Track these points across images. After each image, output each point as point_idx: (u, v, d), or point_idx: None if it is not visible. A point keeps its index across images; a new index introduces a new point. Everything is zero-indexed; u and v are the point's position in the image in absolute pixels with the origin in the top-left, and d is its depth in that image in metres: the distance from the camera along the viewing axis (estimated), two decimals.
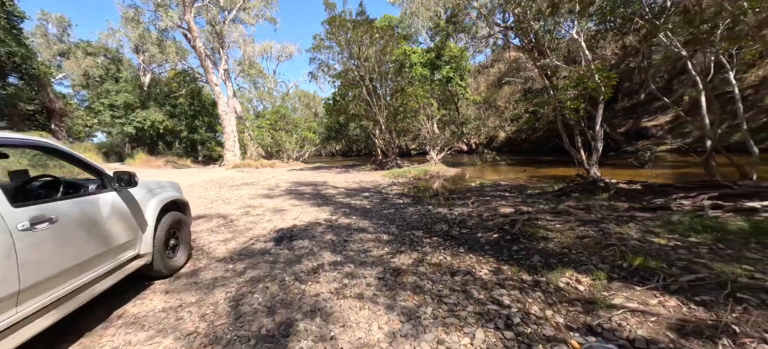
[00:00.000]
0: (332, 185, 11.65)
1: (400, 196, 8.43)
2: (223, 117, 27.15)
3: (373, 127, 19.36)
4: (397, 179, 12.24)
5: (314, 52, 17.30)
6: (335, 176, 15.10)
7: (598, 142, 6.49)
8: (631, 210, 4.36)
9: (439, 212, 5.97)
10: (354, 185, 11.14)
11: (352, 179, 13.28)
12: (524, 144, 24.59)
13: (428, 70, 23.08)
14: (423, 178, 12.28)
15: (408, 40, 32.01)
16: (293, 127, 36.17)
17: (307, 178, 14.45)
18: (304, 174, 16.91)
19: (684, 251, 2.94)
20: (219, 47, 29.32)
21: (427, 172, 12.99)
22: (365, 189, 10.10)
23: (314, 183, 12.24)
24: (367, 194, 9.11)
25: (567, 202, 5.34)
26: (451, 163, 19.50)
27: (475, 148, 24.09)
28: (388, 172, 14.17)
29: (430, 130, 15.84)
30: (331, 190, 10.24)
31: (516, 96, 25.01)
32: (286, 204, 7.68)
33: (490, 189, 8.10)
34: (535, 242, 3.86)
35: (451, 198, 7.61)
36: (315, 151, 71.15)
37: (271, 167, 25.68)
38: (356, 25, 16.62)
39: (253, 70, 44.36)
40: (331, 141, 64.20)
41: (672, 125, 15.74)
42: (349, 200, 8.21)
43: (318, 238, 4.68)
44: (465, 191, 8.30)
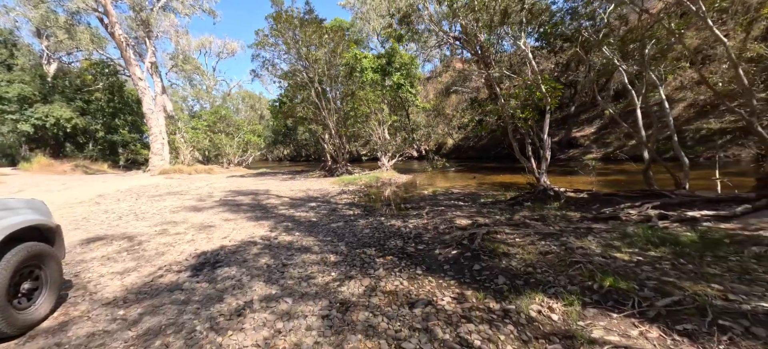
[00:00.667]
0: (275, 193, 10.59)
1: (350, 206, 7.82)
2: (149, 116, 23.95)
3: (323, 132, 18.47)
4: (347, 186, 11.60)
5: (257, 48, 15.96)
6: (280, 183, 13.94)
7: (547, 151, 6.61)
8: (583, 220, 4.31)
9: (393, 225, 5.49)
10: (300, 194, 10.24)
11: (299, 186, 12.31)
12: (470, 151, 25.64)
13: (379, 75, 22.91)
14: (374, 185, 11.82)
15: (359, 45, 31.72)
16: (235, 129, 33.41)
17: (248, 186, 13.09)
18: (244, 181, 15.38)
19: (649, 268, 2.81)
20: (145, 37, 25.88)
21: (378, 180, 12.57)
22: (312, 198, 9.30)
23: (255, 192, 11.05)
24: (314, 204, 8.34)
25: (521, 212, 5.23)
26: (403, 169, 19.41)
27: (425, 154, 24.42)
28: (337, 179, 13.46)
29: (381, 136, 15.51)
30: (274, 200, 9.24)
31: (463, 105, 26.06)
32: (217, 218, 6.60)
33: (443, 198, 7.90)
34: (496, 259, 3.54)
35: (404, 208, 7.22)
36: (260, 156, 67.11)
37: (207, 173, 23.24)
38: (304, 23, 15.71)
39: (189, 66, 40.28)
40: (279, 145, 61.21)
41: (597, 136, 17.52)
42: (293, 211, 7.37)
43: (250, 263, 3.87)
44: (418, 200, 7.99)
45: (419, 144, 19.26)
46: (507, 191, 8.04)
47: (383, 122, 15.70)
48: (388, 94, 20.27)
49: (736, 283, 2.43)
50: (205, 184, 14.22)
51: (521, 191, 7.10)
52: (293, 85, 18.82)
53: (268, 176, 18.63)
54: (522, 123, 6.95)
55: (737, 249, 2.91)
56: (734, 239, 3.12)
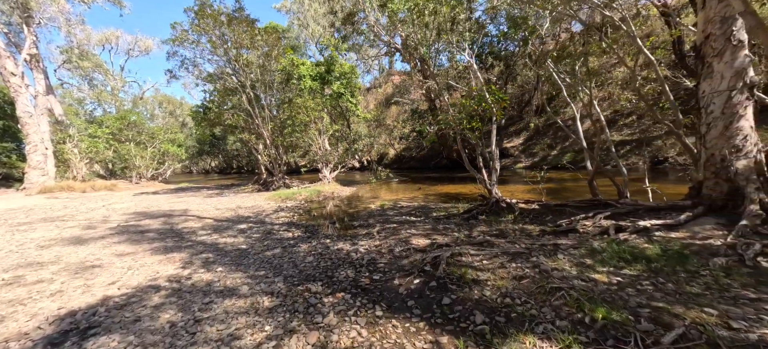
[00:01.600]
0: (196, 213, 8.96)
1: (288, 227, 6.81)
2: (26, 120, 19.24)
3: (256, 142, 16.78)
4: (285, 202, 10.42)
5: (174, 45, 13.80)
6: (203, 200, 12.03)
7: (496, 161, 6.56)
8: (544, 234, 4.14)
9: (341, 249, 4.74)
10: (228, 214, 8.80)
11: (227, 204, 10.70)
12: (411, 161, 26.02)
13: (318, 83, 21.98)
14: (316, 200, 10.84)
15: (296, 52, 30.31)
16: (148, 138, 28.95)
17: (161, 205, 10.99)
18: (157, 199, 12.98)
19: (632, 291, 2.57)
20: (23, 23, 20.86)
21: (320, 193, 11.61)
22: (242, 219, 8.00)
23: (168, 213, 9.22)
24: (245, 225, 7.12)
25: (479, 227, 4.94)
26: (345, 181, 18.63)
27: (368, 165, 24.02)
28: (274, 194, 12.12)
29: (322, 146, 14.57)
30: (193, 222, 7.72)
31: (404, 116, 26.46)
32: (107, 254, 5.06)
33: (393, 212, 7.38)
34: (467, 288, 3.06)
35: (352, 226, 6.50)
36: (183, 169, 59.87)
37: (108, 190, 19.40)
38: (233, 21, 14.14)
39: (87, 63, 34.00)
40: (205, 157, 55.37)
41: (524, 146, 19.10)
42: (217, 237, 6.11)
43: (145, 323, 2.77)
44: (366, 216, 7.34)
45: (361, 155, 18.73)
46: (457, 203, 7.88)
47: (324, 132, 14.80)
48: (328, 102, 19.43)
49: (723, 303, 2.27)
50: (103, 205, 11.59)
51: (473, 203, 6.95)
52: (221, 90, 16.83)
53: (189, 192, 16.16)
54: (470, 134, 6.82)
55: (702, 262, 2.87)
56: (691, 250, 3.11)
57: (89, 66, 34.37)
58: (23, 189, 18.71)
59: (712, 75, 3.83)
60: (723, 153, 3.70)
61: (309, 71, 21.26)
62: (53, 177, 20.41)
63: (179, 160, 33.46)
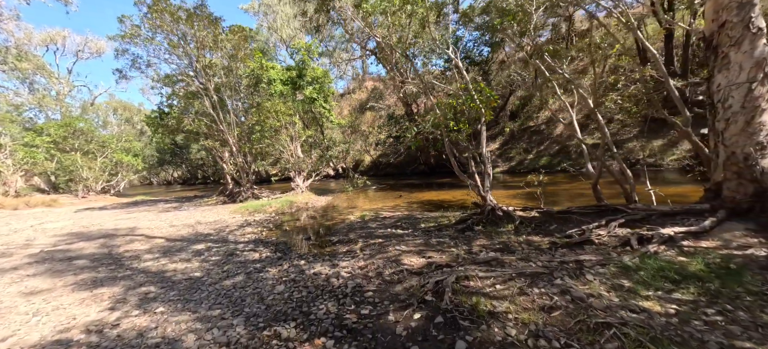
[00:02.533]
0: (145, 232, 7.72)
1: (255, 245, 5.88)
2: None
3: (221, 149, 15.45)
4: (252, 215, 9.36)
5: (124, 41, 12.30)
6: (158, 215, 10.64)
7: (488, 166, 6.04)
8: (554, 247, 3.60)
9: (319, 274, 3.94)
10: (184, 231, 7.65)
11: (184, 219, 9.46)
12: (388, 168, 25.45)
13: (290, 88, 20.95)
14: (288, 211, 9.87)
15: (266, 56, 28.96)
16: (98, 147, 26.23)
17: (104, 223, 9.52)
18: (102, 216, 11.36)
19: (699, 323, 2.03)
20: None
21: (292, 204, 10.63)
22: (201, 237, 6.92)
23: (111, 233, 7.90)
24: (203, 245, 6.09)
25: (478, 240, 4.34)
26: (320, 190, 17.64)
27: (343, 172, 23.15)
28: (241, 206, 10.97)
29: (294, 153, 13.58)
30: (140, 244, 6.54)
31: (379, 121, 25.92)
32: (11, 293, 3.93)
33: (376, 224, 6.64)
34: (483, 324, 2.40)
35: (330, 242, 5.69)
36: (141, 180, 55.40)
37: (47, 206, 17.09)
38: (193, 17, 12.90)
39: (26, 64, 30.51)
40: (167, 166, 51.72)
41: (501, 151, 19.14)
42: (165, 262, 5.07)
43: None
44: (346, 229, 6.55)
45: (336, 162, 17.87)
46: (445, 211, 7.30)
47: (296, 138, 13.83)
48: (300, 107, 18.44)
49: None
50: (32, 225, 9.89)
51: (465, 211, 6.40)
52: (182, 94, 15.38)
53: (143, 206, 14.47)
54: (455, 136, 6.28)
55: (760, 279, 2.40)
56: (737, 264, 2.65)
57: (29, 68, 30.83)
58: None
59: (728, 66, 3.50)
60: (746, 151, 3.35)
61: (279, 75, 20.17)
62: None
63: (135, 171, 30.66)
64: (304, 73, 22.33)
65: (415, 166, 22.63)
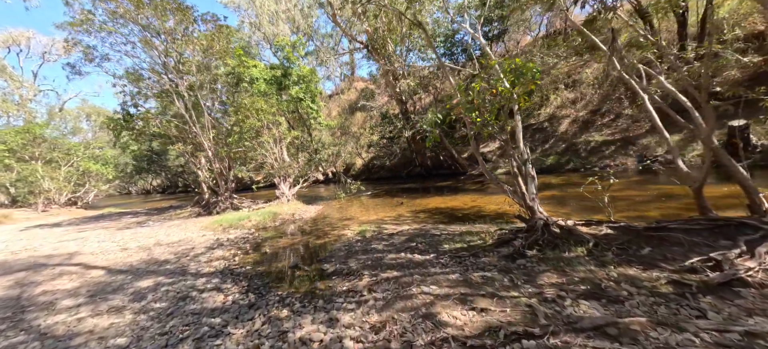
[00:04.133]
0: (87, 260, 6.06)
1: (221, 281, 4.34)
2: None
3: (194, 154, 13.73)
4: (226, 232, 7.76)
5: (74, 30, 10.49)
6: (113, 234, 8.89)
7: (528, 164, 4.69)
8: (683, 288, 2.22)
9: (309, 340, 2.47)
10: (136, 258, 6.02)
11: (144, 238, 7.78)
12: (381, 171, 24.00)
13: (274, 88, 19.36)
14: (270, 226, 8.31)
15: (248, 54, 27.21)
16: (63, 155, 23.92)
17: (41, 246, 7.76)
18: (47, 235, 9.53)
19: None
20: None
21: (276, 216, 9.06)
22: (154, 267, 5.32)
23: (44, 261, 6.20)
24: (152, 281, 4.51)
25: (542, 273, 2.95)
26: (309, 197, 16.07)
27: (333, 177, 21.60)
28: (215, 220, 9.32)
29: (278, 157, 12.00)
30: (69, 280, 4.91)
31: (370, 122, 24.47)
32: None
33: (381, 244, 5.18)
34: None
35: (323, 272, 4.21)
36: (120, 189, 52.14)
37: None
38: (159, 6, 11.22)
39: None
40: (146, 174, 48.82)
41: (501, 151, 17.96)
42: (86, 314, 3.51)
43: None
44: (343, 252, 5.06)
45: (325, 166, 16.35)
46: (465, 223, 5.91)
47: (280, 140, 12.25)
48: (285, 107, 16.87)
49: None
50: None
51: (500, 225, 5.02)
52: (156, 94, 13.62)
53: (104, 221, 12.62)
54: (486, 131, 4.92)
55: None
56: None
57: None
58: None
59: None
60: None
61: (263, 74, 18.55)
62: None
63: (107, 181, 28.28)
64: (289, 72, 20.75)
65: (410, 168, 21.25)
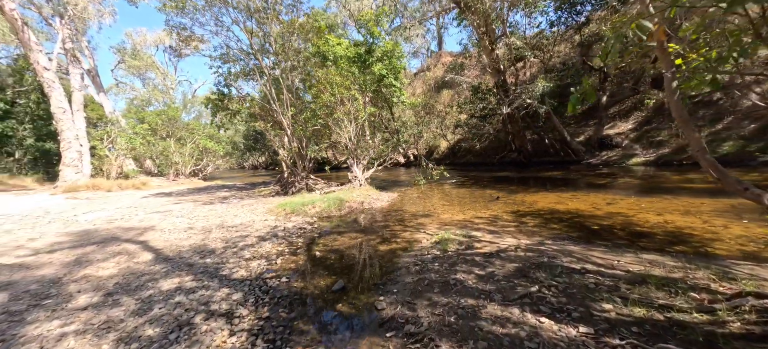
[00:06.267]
0: (149, 239, 5.80)
1: (242, 299, 3.12)
2: (60, 117, 18.60)
3: (276, 133, 13.75)
4: (287, 219, 6.89)
5: (171, 12, 11.04)
6: (194, 210, 9.06)
7: None
8: None
9: None
10: (189, 242, 5.48)
11: (212, 218, 7.53)
12: (468, 155, 21.32)
13: (358, 67, 18.52)
14: (336, 214, 7.16)
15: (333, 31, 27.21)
16: (188, 133, 28.16)
17: (133, 217, 8.21)
18: (149, 205, 10.44)
19: None
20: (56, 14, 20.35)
21: (343, 204, 7.88)
22: (197, 258, 4.54)
23: (120, 234, 6.21)
24: (178, 281, 3.61)
25: None
26: (385, 181, 14.82)
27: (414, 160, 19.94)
28: (283, 202, 8.69)
29: (353, 136, 10.88)
30: (115, 264, 4.45)
31: (458, 99, 21.77)
32: None
33: (472, 275, 3.26)
34: None
35: (372, 318, 2.59)
36: (238, 164, 61.06)
37: (136, 188, 18.06)
38: None
39: (138, 62, 34.70)
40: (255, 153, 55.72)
41: (638, 133, 13.42)
42: (73, 329, 2.61)
43: None
44: (411, 281, 3.34)
45: (406, 147, 14.75)
46: (615, 248, 3.49)
47: (355, 118, 11.07)
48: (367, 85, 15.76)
49: None
50: (84, 212, 9.18)
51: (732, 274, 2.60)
52: (245, 73, 14.11)
53: (204, 194, 13.70)
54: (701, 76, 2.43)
55: None
56: None
57: (140, 65, 35.11)
58: (55, 188, 18.04)
59: None
60: None
61: (346, 52, 17.81)
62: (89, 175, 19.77)
63: (219, 157, 32.64)
64: (372, 48, 19.54)
65: (504, 154, 18.08)
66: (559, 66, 17.99)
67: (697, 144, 2.29)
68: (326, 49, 15.76)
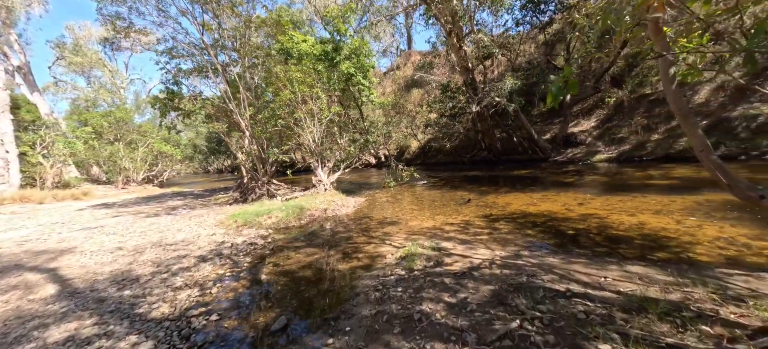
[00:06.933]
0: (61, 266, 4.78)
1: (165, 338, 2.39)
2: None
3: (230, 135, 12.70)
4: (238, 232, 6.09)
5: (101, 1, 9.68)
6: (136, 222, 7.93)
7: None
8: None
9: None
10: (110, 269, 4.55)
11: (152, 234, 6.53)
12: (439, 155, 21.17)
13: (324, 64, 17.69)
14: (294, 225, 6.45)
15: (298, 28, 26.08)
16: (140, 136, 25.81)
17: (54, 236, 6.98)
18: (87, 218, 9.10)
19: None
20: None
21: (303, 212, 7.16)
22: (113, 290, 3.69)
23: (20, 263, 5.11)
24: (74, 327, 2.77)
25: None
26: (355, 185, 14.20)
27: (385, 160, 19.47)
28: (240, 211, 7.80)
29: (317, 137, 10.14)
30: (17, 295, 3.48)
31: (428, 98, 21.55)
32: None
33: (441, 302, 2.74)
34: None
35: None
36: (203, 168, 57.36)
37: (74, 199, 16.09)
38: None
39: (81, 58, 31.44)
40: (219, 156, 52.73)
41: (600, 130, 13.79)
42: None
43: None
44: (370, 312, 2.77)
45: (376, 147, 14.23)
46: (599, 261, 3.11)
47: (319, 117, 10.34)
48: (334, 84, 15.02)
49: None
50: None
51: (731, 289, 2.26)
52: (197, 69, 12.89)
53: (153, 203, 12.34)
54: None
55: None
56: None
57: (84, 62, 31.81)
58: None
59: None
60: None
61: (312, 49, 16.94)
62: (17, 185, 17.35)
63: (178, 161, 30.41)
64: (340, 46, 18.79)
65: (474, 153, 18.06)
66: (525, 65, 18.27)
67: (700, 143, 1.91)
68: (290, 46, 14.84)
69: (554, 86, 2.13)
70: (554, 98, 2.23)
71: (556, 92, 2.20)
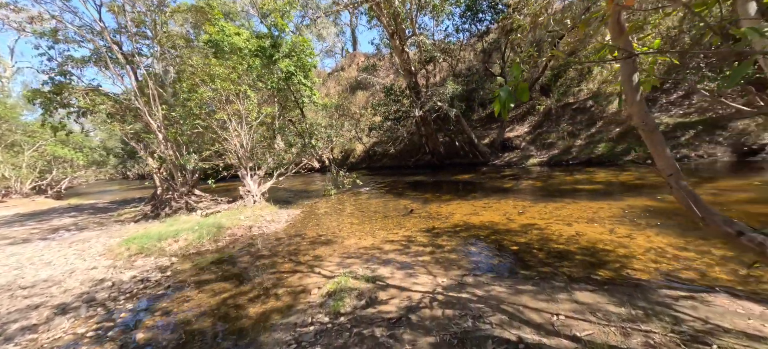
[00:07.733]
0: None
1: None
2: None
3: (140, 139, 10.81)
4: (130, 263, 4.84)
5: None
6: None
7: None
8: None
9: None
10: None
11: (11, 269, 4.91)
12: (385, 158, 20.88)
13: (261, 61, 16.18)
14: (206, 250, 5.37)
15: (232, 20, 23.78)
16: (28, 138, 21.20)
17: None
18: None
19: None
20: None
21: (221, 232, 6.06)
22: None
23: None
24: None
25: None
26: (292, 192, 13.14)
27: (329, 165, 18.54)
28: (140, 233, 6.35)
29: (244, 143, 8.95)
30: None
31: (372, 101, 21.13)
32: None
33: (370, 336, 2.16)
34: None
35: None
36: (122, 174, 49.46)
37: None
38: None
39: None
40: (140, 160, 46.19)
41: (533, 136, 14.67)
42: None
43: None
44: None
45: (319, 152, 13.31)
46: (559, 287, 2.80)
47: (246, 119, 9.15)
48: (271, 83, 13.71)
49: None
50: None
51: None
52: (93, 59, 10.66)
53: (33, 221, 9.87)
54: None
55: None
56: None
57: None
58: None
59: None
60: None
61: (247, 44, 15.35)
62: None
63: (83, 166, 25.75)
64: (278, 42, 17.40)
65: (418, 157, 18.09)
66: (465, 71, 18.86)
67: (669, 165, 1.57)
68: (220, 38, 13.21)
69: (503, 92, 1.66)
70: (503, 106, 1.77)
71: (504, 98, 1.74)
